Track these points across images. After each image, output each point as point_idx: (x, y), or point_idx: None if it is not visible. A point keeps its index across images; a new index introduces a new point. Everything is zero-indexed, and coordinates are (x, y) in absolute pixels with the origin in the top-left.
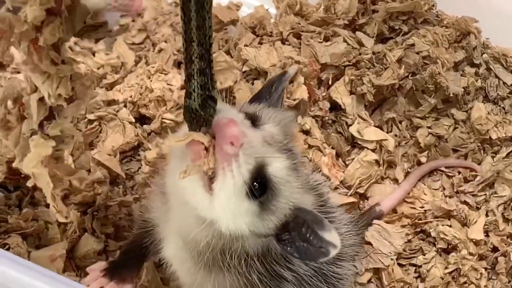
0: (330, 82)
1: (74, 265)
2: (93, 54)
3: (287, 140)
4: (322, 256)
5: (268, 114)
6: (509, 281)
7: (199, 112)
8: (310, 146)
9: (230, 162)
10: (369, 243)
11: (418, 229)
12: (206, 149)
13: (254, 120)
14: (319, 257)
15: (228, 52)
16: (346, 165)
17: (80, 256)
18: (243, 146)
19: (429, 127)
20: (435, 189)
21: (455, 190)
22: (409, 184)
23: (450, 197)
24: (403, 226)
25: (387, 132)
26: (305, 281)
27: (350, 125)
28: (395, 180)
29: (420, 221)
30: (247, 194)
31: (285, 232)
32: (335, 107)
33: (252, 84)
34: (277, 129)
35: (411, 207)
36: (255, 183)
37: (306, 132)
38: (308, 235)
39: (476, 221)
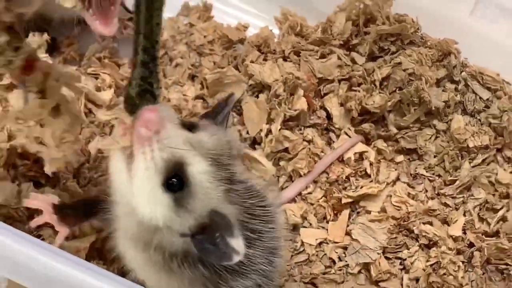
0: (323, 93)
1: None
2: (118, 67)
3: (219, 154)
4: (226, 260)
5: (206, 126)
6: (484, 273)
7: (135, 101)
8: (313, 153)
9: (143, 145)
10: (356, 240)
11: (403, 228)
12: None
13: (190, 127)
14: (223, 260)
15: (236, 67)
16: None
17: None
18: (159, 134)
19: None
20: (419, 191)
21: (436, 193)
22: (311, 176)
23: (432, 198)
24: (390, 225)
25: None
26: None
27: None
28: None
29: (404, 222)
30: (164, 185)
31: (200, 234)
32: (328, 116)
33: (257, 97)
34: (209, 138)
35: (397, 209)
36: (173, 178)
37: (309, 142)
38: (216, 240)
39: (456, 220)
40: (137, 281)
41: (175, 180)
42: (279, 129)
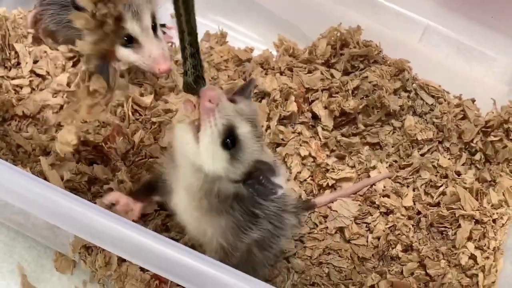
0: (310, 100)
1: None
2: (157, 78)
3: (253, 118)
4: (273, 194)
5: (241, 100)
6: (428, 233)
7: (193, 85)
8: (303, 142)
9: (209, 115)
10: (335, 211)
11: (368, 201)
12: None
13: (232, 101)
14: (271, 195)
15: (244, 80)
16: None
17: None
18: (218, 106)
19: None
20: None
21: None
22: (344, 192)
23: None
24: (358, 200)
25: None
26: (270, 218)
27: (324, 129)
28: None
29: (369, 196)
30: (222, 144)
31: (249, 179)
32: (315, 117)
33: (260, 101)
34: (246, 107)
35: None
36: (227, 139)
37: (299, 133)
38: (263, 180)
39: (407, 194)
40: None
41: (229, 140)
42: (276, 125)
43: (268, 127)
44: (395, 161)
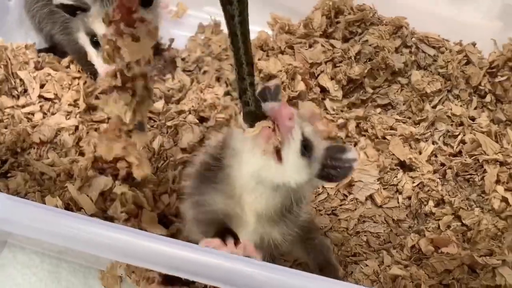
0: (316, 74)
1: None
2: (164, 81)
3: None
4: (351, 170)
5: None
6: (455, 184)
7: (256, 112)
8: None
9: (291, 132)
10: (360, 181)
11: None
12: (274, 130)
13: None
14: (349, 172)
15: None
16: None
17: None
18: (294, 119)
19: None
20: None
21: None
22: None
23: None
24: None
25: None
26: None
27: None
28: None
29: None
30: (301, 154)
31: (323, 170)
32: (323, 89)
33: None
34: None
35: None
36: (303, 147)
37: None
38: (335, 163)
39: (426, 149)
40: None
41: (304, 147)
42: None
43: None
44: (409, 118)
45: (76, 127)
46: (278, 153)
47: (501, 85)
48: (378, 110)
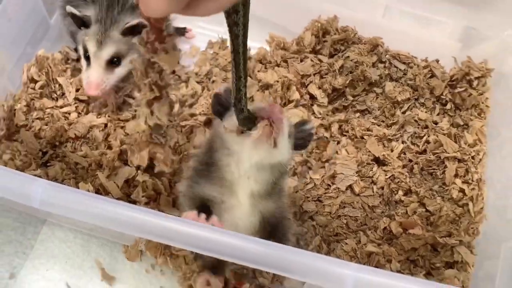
0: (306, 84)
1: None
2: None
3: None
4: (312, 135)
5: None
6: (421, 177)
7: (249, 116)
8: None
9: (282, 123)
10: (341, 173)
11: (370, 158)
12: (271, 125)
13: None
14: (312, 137)
15: (250, 76)
16: None
17: None
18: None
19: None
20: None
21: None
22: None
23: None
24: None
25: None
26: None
27: (320, 105)
28: None
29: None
30: (288, 135)
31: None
32: (312, 97)
33: (263, 92)
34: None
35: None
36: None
37: (301, 117)
38: (301, 135)
39: (397, 147)
40: None
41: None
42: None
43: None
44: (383, 121)
45: (105, 125)
46: (274, 141)
47: (460, 95)
48: (357, 114)
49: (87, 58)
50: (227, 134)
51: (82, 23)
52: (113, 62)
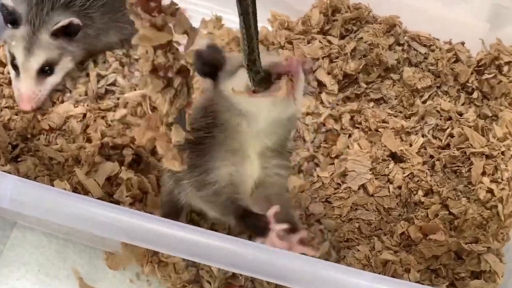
0: (314, 69)
1: None
2: None
3: None
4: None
5: None
6: (443, 175)
7: (265, 77)
8: (312, 113)
9: (299, 75)
10: (353, 171)
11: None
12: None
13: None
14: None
15: None
16: None
17: None
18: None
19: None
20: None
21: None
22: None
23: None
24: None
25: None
26: None
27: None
28: None
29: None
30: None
31: None
32: (320, 83)
33: None
34: None
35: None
36: None
37: (308, 106)
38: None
39: (416, 141)
40: None
41: None
42: None
43: None
44: (400, 112)
45: (84, 115)
46: (292, 94)
47: (488, 83)
48: (371, 104)
49: (15, 66)
50: (237, 96)
51: (11, 19)
52: (45, 71)
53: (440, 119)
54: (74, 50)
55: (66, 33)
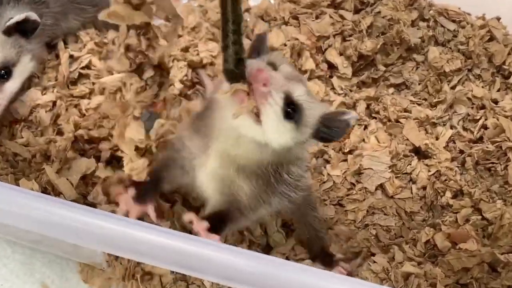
0: (323, 49)
1: None
2: None
3: (291, 71)
4: (348, 127)
5: (275, 59)
6: (475, 173)
7: (235, 71)
8: (322, 100)
9: (266, 98)
10: (369, 168)
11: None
12: (248, 94)
13: (272, 65)
14: (346, 129)
15: (248, 37)
16: None
17: None
18: (272, 84)
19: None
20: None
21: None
22: None
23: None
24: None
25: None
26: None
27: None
28: None
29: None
30: (286, 117)
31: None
32: (331, 66)
33: None
34: (288, 67)
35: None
36: (289, 109)
37: (317, 92)
38: (331, 124)
39: (444, 134)
40: None
41: (290, 109)
42: None
43: None
44: (425, 99)
45: (54, 103)
46: (257, 114)
47: None
48: (391, 90)
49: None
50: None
51: None
52: (1, 75)
53: (472, 107)
54: (33, 48)
55: (21, 29)
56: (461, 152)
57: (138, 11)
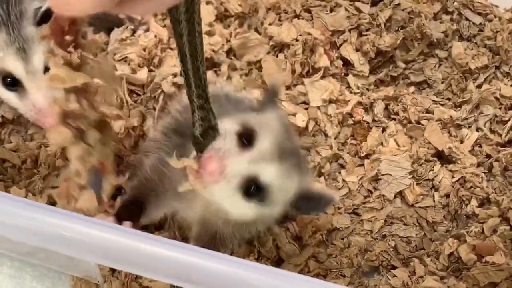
0: (338, 44)
1: None
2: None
3: (284, 134)
4: (332, 203)
5: (261, 126)
6: (504, 180)
7: (200, 139)
8: (336, 100)
9: (216, 181)
10: (388, 174)
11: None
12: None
13: (250, 136)
14: (329, 205)
15: (257, 30)
16: None
17: None
18: (225, 172)
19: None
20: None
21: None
22: None
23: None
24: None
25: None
26: None
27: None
28: None
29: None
30: (244, 197)
31: (298, 205)
32: (346, 63)
33: (277, 56)
34: (270, 139)
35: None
36: (251, 189)
37: (331, 92)
38: (315, 203)
39: (469, 137)
40: None
41: (253, 189)
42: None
43: (289, 87)
44: (449, 99)
45: None
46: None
47: None
48: (412, 89)
49: (12, 83)
50: None
51: None
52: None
53: (500, 108)
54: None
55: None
56: (488, 156)
57: (79, 72)
